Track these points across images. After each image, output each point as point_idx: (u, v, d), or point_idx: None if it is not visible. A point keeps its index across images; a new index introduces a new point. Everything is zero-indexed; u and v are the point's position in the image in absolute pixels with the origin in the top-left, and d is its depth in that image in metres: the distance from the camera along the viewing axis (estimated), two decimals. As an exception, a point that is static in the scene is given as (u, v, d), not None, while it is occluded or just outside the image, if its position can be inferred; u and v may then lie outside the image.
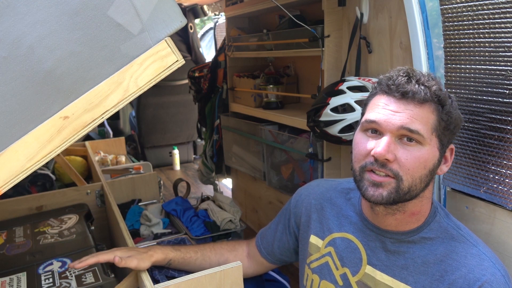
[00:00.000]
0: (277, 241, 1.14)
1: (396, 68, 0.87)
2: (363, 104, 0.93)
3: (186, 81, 2.86)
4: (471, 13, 0.97)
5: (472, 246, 0.83)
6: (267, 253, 1.16)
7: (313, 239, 1.04)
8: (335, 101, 1.37)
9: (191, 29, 3.77)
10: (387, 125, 0.81)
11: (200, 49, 3.98)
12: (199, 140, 4.19)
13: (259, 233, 1.22)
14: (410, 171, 0.81)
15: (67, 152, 2.24)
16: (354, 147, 0.89)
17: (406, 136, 0.81)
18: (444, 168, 0.87)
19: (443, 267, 0.82)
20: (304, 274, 1.06)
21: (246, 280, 1.11)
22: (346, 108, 1.37)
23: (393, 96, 0.83)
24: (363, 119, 0.87)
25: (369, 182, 0.84)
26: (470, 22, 0.98)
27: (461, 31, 1.00)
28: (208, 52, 4.85)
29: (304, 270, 1.06)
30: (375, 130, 0.84)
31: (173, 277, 1.05)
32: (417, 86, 0.81)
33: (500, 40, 0.92)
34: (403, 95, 0.81)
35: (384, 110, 0.83)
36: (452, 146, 0.88)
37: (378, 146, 0.81)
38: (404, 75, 0.84)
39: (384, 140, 0.81)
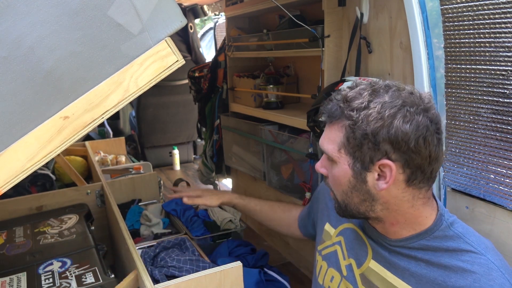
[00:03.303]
0: (308, 216, 1.25)
1: (354, 79, 0.96)
2: None
3: (186, 81, 2.86)
4: (472, 13, 0.97)
5: (480, 255, 0.79)
6: (302, 225, 1.27)
7: (327, 226, 1.09)
8: (335, 101, 1.37)
9: (191, 29, 3.77)
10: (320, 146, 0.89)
11: (200, 49, 3.97)
12: (199, 140, 4.19)
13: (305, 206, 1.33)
14: (334, 187, 0.89)
15: (67, 152, 2.24)
16: None
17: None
18: (381, 184, 0.81)
19: (447, 274, 0.80)
20: (316, 260, 1.11)
21: (246, 280, 1.11)
22: (346, 108, 1.37)
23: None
24: None
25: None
26: (471, 22, 0.98)
27: (461, 31, 1.00)
28: (208, 52, 4.84)
29: (316, 256, 1.11)
30: None
31: (173, 277, 1.05)
32: (336, 104, 0.84)
33: (500, 40, 0.92)
34: (327, 117, 0.87)
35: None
36: (384, 161, 0.79)
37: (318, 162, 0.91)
38: (337, 94, 0.86)
39: (323, 157, 0.90)
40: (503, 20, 0.90)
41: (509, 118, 0.93)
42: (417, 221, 0.86)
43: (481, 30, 0.95)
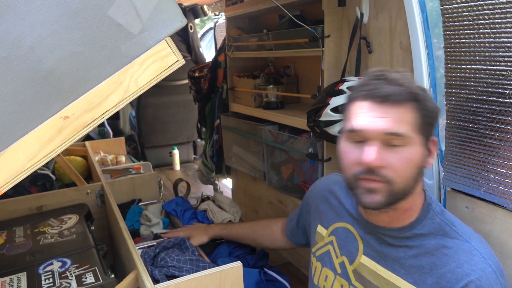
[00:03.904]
0: (297, 225, 1.24)
1: (368, 72, 0.88)
2: (344, 112, 0.93)
3: (186, 81, 2.86)
4: (472, 13, 0.97)
5: (464, 242, 0.83)
6: (290, 235, 1.27)
7: (319, 228, 1.10)
8: (335, 101, 1.37)
9: (191, 29, 3.77)
10: (372, 132, 0.81)
11: (200, 49, 3.97)
12: (199, 140, 4.19)
13: (290, 215, 1.31)
14: (402, 173, 0.81)
15: (67, 152, 2.24)
16: (342, 158, 0.88)
17: (392, 139, 0.81)
18: (430, 160, 0.87)
19: (432, 261, 0.83)
20: (311, 262, 1.12)
21: (246, 280, 1.11)
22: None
23: (372, 101, 0.82)
24: (346, 128, 0.87)
25: (363, 189, 0.84)
26: (471, 22, 0.98)
27: (461, 31, 1.00)
28: (208, 52, 4.84)
29: (311, 258, 1.12)
30: (361, 138, 0.84)
31: (173, 277, 1.05)
32: (392, 87, 0.81)
33: (500, 40, 0.92)
34: (382, 99, 0.81)
35: (366, 117, 0.82)
36: (434, 138, 0.87)
37: (367, 154, 0.81)
38: (377, 78, 0.84)
39: (372, 147, 0.81)
40: (502, 20, 0.90)
41: (509, 118, 0.93)
42: (415, 208, 0.88)
43: (481, 30, 0.95)
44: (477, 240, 0.84)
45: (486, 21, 0.94)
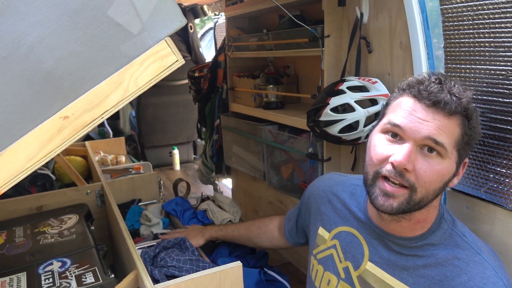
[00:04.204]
0: (296, 225, 1.22)
1: (426, 72, 0.85)
2: (385, 103, 0.89)
3: (186, 81, 2.86)
4: (471, 13, 0.97)
5: (476, 254, 0.80)
6: (289, 235, 1.26)
7: (321, 230, 1.06)
8: (335, 101, 1.37)
9: (191, 29, 3.77)
10: (412, 133, 0.77)
11: (200, 49, 3.97)
12: (199, 140, 4.19)
13: (287, 214, 1.29)
14: (427, 184, 0.78)
15: (67, 152, 2.24)
16: (371, 149, 0.84)
17: (428, 146, 0.77)
18: (455, 181, 0.84)
19: (443, 272, 0.81)
20: (310, 264, 1.09)
21: (246, 280, 1.11)
22: (346, 108, 1.38)
23: (422, 103, 0.78)
24: (386, 120, 0.82)
25: (381, 191, 0.81)
26: (470, 22, 0.98)
27: (461, 31, 1.00)
28: (208, 52, 4.84)
29: (310, 260, 1.09)
30: (396, 135, 0.80)
31: (173, 277, 1.05)
32: (449, 96, 0.77)
33: (500, 40, 0.92)
34: (434, 104, 0.77)
35: (411, 116, 0.78)
36: (466, 159, 0.84)
37: (398, 153, 0.77)
38: (437, 81, 0.80)
39: (406, 148, 0.77)
40: (502, 20, 0.90)
41: (509, 118, 0.93)
42: (428, 219, 0.86)
43: (481, 30, 0.95)
44: (488, 252, 0.82)
45: (486, 21, 0.94)
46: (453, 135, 0.78)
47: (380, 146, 0.82)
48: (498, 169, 0.96)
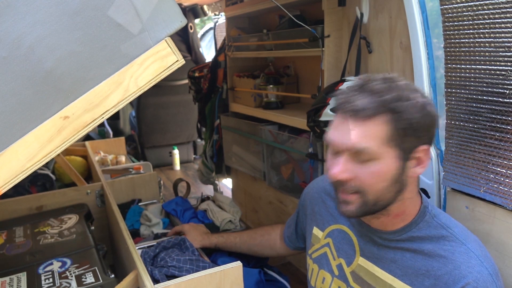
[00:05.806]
0: (296, 230, 1.24)
1: (354, 79, 0.87)
2: None
3: (186, 81, 2.86)
4: (471, 13, 0.97)
5: (461, 244, 0.83)
6: (289, 241, 1.27)
7: (315, 230, 1.10)
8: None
9: (191, 29, 3.77)
10: (340, 145, 0.82)
11: (200, 49, 3.97)
12: (199, 140, 4.19)
13: (287, 221, 1.31)
14: (372, 186, 0.82)
15: (67, 152, 2.24)
16: (326, 167, 0.91)
17: (357, 155, 0.81)
18: (418, 170, 0.84)
19: (429, 263, 0.84)
20: (307, 264, 1.13)
21: (246, 280, 1.11)
22: (346, 108, 1.37)
23: (346, 114, 0.82)
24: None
25: (339, 199, 0.87)
26: (470, 22, 0.98)
27: (461, 31, 1.00)
28: (208, 52, 4.84)
29: (307, 260, 1.13)
30: (334, 150, 0.85)
31: (173, 277, 1.05)
32: (366, 100, 0.79)
33: (500, 40, 0.92)
34: (354, 112, 0.80)
35: (337, 130, 0.84)
36: (424, 147, 0.83)
37: (332, 167, 0.84)
38: (356, 87, 0.82)
39: (339, 161, 0.83)
40: (502, 20, 0.90)
41: (509, 118, 0.93)
42: (409, 212, 0.88)
43: (481, 30, 0.95)
44: (473, 242, 0.84)
45: (486, 21, 0.94)
46: (378, 136, 0.79)
47: (328, 161, 0.88)
48: (498, 169, 0.96)
